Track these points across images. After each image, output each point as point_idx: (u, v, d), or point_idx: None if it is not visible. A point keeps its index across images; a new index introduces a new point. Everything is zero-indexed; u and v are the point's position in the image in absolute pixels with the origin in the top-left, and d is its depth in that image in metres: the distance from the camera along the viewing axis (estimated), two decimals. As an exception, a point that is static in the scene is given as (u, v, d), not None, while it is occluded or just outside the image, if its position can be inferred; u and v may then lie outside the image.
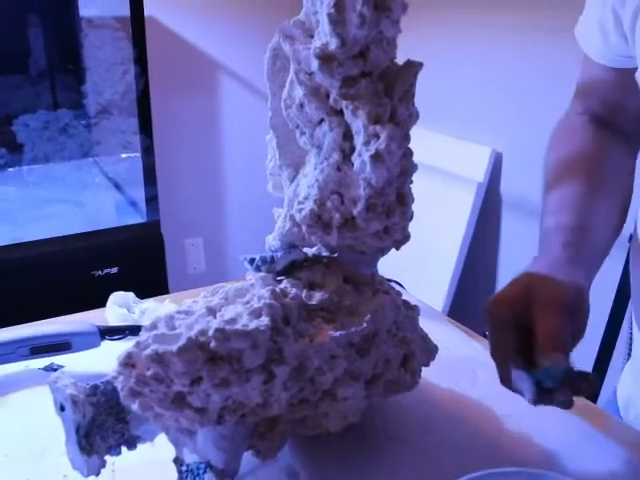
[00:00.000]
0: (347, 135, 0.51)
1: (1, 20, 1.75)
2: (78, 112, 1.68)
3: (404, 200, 0.54)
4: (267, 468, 0.58)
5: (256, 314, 0.49)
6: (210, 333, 0.47)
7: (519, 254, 1.63)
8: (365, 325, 0.54)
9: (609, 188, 0.68)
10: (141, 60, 1.40)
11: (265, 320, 0.48)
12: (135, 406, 0.48)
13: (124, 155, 1.48)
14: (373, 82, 0.50)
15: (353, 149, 0.51)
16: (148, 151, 1.42)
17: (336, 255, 0.59)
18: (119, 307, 0.90)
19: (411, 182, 0.56)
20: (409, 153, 0.53)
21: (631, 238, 0.77)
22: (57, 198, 1.55)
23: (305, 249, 0.61)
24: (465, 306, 1.84)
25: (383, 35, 0.49)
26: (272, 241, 0.59)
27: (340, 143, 0.51)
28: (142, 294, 0.90)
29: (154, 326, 0.50)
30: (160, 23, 1.89)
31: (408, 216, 0.56)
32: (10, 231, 1.43)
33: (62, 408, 0.53)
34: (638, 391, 0.75)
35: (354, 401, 0.54)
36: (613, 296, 1.40)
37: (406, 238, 0.58)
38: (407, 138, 0.55)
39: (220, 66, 2.08)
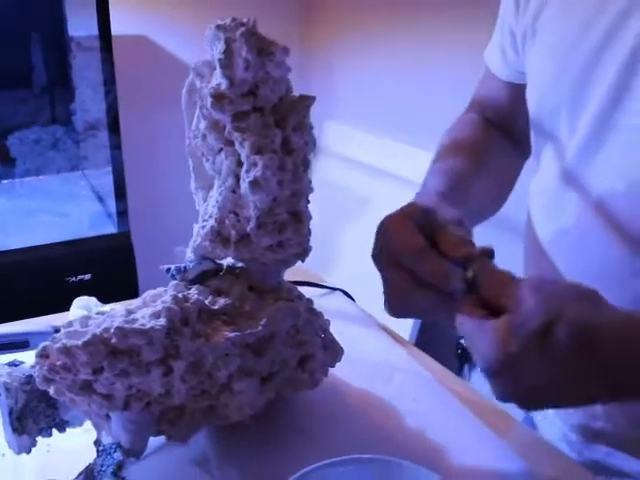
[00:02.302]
0: (240, 162, 0.59)
1: (5, 37, 1.87)
2: (68, 128, 1.79)
3: (299, 218, 0.62)
4: (180, 453, 0.66)
5: (156, 315, 0.57)
6: (112, 330, 0.55)
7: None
8: (260, 328, 0.61)
9: (489, 171, 0.75)
10: (111, 80, 1.50)
11: (162, 321, 0.56)
12: (51, 391, 0.57)
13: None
14: (264, 116, 0.58)
15: (245, 175, 0.59)
16: (118, 167, 1.52)
17: (244, 266, 0.66)
18: (81, 310, 0.98)
19: (308, 202, 0.64)
20: (299, 176, 0.61)
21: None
22: (44, 209, 1.66)
23: (224, 260, 0.69)
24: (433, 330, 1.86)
25: (269, 75, 0.57)
26: (189, 253, 0.67)
27: (234, 169, 0.58)
28: (113, 299, 0.98)
29: (70, 324, 0.58)
30: (152, 42, 1.98)
31: (305, 232, 0.63)
32: None
33: (-1, 394, 0.61)
34: None
35: (249, 395, 0.61)
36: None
37: (306, 251, 0.65)
38: (304, 163, 0.63)
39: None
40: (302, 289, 0.95)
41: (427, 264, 0.52)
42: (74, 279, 1.43)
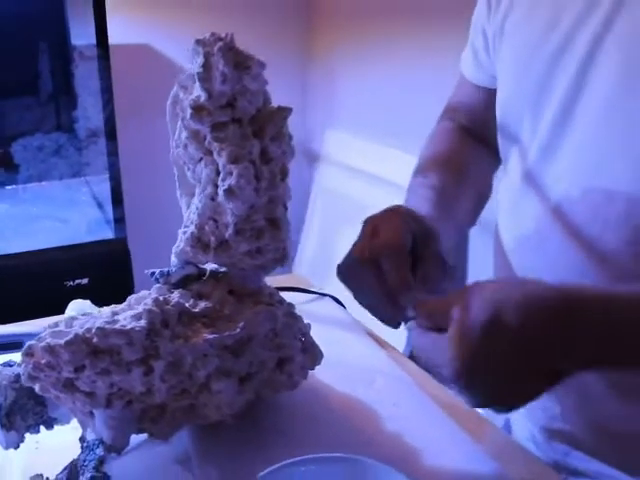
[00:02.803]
0: (219, 171, 0.61)
1: (13, 45, 1.91)
2: (70, 135, 1.83)
3: (276, 224, 0.65)
4: (162, 451, 0.68)
5: (137, 317, 0.60)
6: (93, 330, 0.57)
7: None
8: (239, 330, 0.64)
9: (469, 184, 0.78)
10: (109, 88, 1.54)
11: (142, 322, 0.59)
12: (36, 388, 0.59)
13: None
14: (242, 127, 0.61)
15: (224, 183, 0.61)
16: (116, 174, 1.56)
17: (226, 271, 0.69)
18: (75, 313, 1.01)
19: (285, 209, 0.66)
20: (276, 184, 0.63)
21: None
22: (45, 214, 1.70)
23: (207, 266, 0.72)
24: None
25: (246, 88, 0.59)
26: (173, 258, 0.69)
27: (213, 178, 0.61)
28: (109, 303, 1.01)
29: (55, 325, 0.61)
30: (155, 50, 2.02)
31: (283, 238, 0.66)
32: None
33: (-12, 391, 0.64)
34: None
35: (227, 394, 0.64)
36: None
37: (285, 257, 0.68)
38: (282, 171, 0.65)
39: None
40: (292, 294, 0.99)
41: (395, 272, 0.56)
42: (72, 283, 1.47)
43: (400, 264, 0.60)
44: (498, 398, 0.52)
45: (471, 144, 0.83)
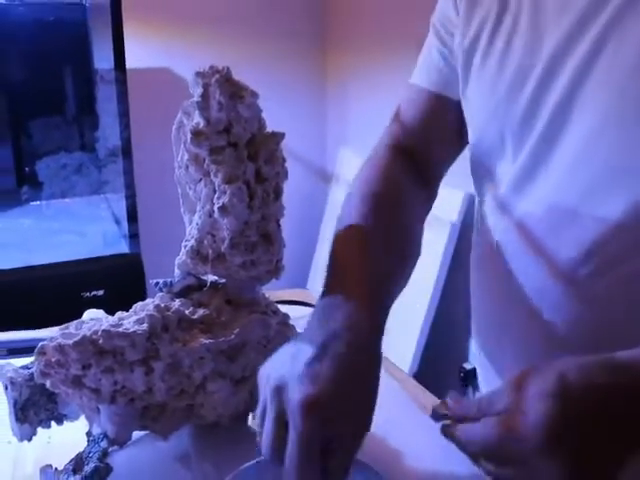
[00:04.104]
0: (215, 190, 0.67)
1: (40, 68, 2.02)
2: (91, 155, 1.93)
3: (269, 239, 0.71)
4: (163, 447, 0.74)
5: (140, 322, 0.66)
6: (99, 333, 0.63)
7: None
8: (233, 337, 0.70)
9: (404, 247, 0.72)
10: (125, 113, 1.62)
11: (144, 326, 0.65)
12: (47, 384, 0.65)
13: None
14: (238, 150, 0.67)
15: (221, 201, 0.68)
16: (130, 194, 1.65)
17: (224, 280, 0.75)
18: (90, 322, 1.08)
19: (278, 225, 0.72)
20: (269, 202, 0.69)
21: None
22: (66, 229, 1.79)
23: (207, 277, 0.78)
24: (436, 356, 1.88)
25: (241, 115, 0.66)
26: (176, 270, 0.76)
27: (211, 196, 0.67)
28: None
29: (66, 327, 0.67)
30: (174, 74, 2.10)
31: (275, 252, 0.72)
32: (21, 257, 1.67)
33: (5, 387, 0.70)
34: None
35: (222, 395, 0.69)
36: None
37: (278, 269, 0.74)
38: (276, 191, 0.71)
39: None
40: (295, 307, 1.05)
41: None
42: (88, 294, 1.55)
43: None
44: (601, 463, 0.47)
45: (406, 179, 0.79)
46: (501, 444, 0.47)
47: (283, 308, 0.78)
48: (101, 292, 1.57)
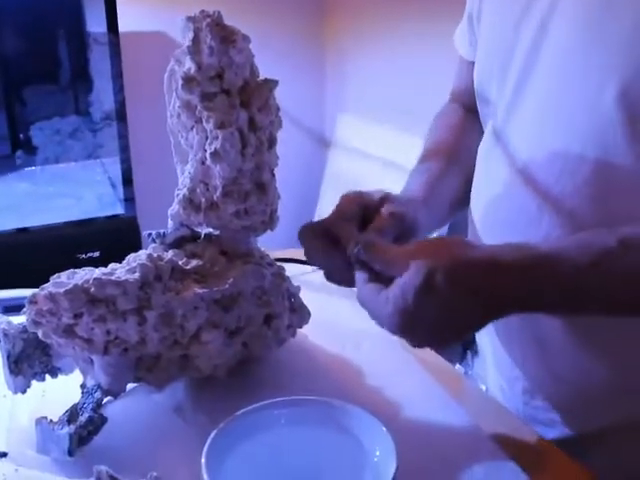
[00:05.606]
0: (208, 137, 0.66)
1: (32, 34, 1.99)
2: (86, 119, 1.91)
3: (263, 188, 0.70)
4: (158, 398, 0.74)
5: (132, 271, 0.65)
6: (91, 281, 0.63)
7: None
8: (227, 286, 0.69)
9: (462, 171, 0.82)
10: (118, 75, 1.61)
11: (136, 275, 0.64)
12: (39, 334, 0.65)
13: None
14: (230, 97, 0.66)
15: (213, 148, 0.67)
16: (125, 157, 1.65)
17: (218, 233, 0.74)
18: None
19: (273, 175, 0.71)
20: (263, 151, 0.68)
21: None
22: (61, 193, 1.79)
23: (201, 229, 0.77)
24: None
25: (233, 60, 0.64)
26: (169, 221, 0.75)
27: (203, 144, 0.66)
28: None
29: (58, 277, 0.66)
30: (169, 37, 2.07)
31: (269, 201, 0.71)
32: (17, 220, 1.67)
33: (-1, 340, 0.70)
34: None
35: (216, 345, 0.69)
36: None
37: (272, 220, 0.73)
38: (270, 139, 0.70)
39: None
40: (293, 266, 1.04)
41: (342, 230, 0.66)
42: (84, 256, 1.55)
43: (345, 225, 0.67)
44: (433, 342, 0.66)
45: (469, 129, 0.86)
46: (374, 317, 0.60)
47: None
48: (97, 254, 1.58)
